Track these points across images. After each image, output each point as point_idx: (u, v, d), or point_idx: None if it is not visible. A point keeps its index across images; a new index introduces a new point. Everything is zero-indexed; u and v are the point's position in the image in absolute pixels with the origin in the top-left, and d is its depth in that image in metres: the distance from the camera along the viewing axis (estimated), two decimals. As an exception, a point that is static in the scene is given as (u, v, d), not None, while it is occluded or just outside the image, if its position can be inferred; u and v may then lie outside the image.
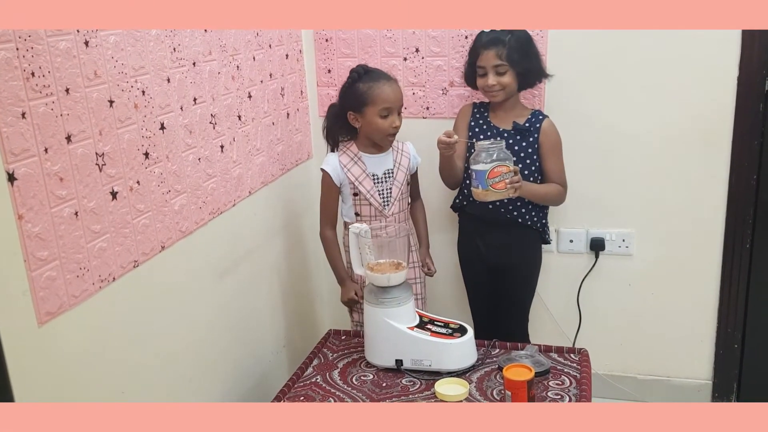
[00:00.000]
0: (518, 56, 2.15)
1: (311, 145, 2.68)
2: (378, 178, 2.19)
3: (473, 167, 2.05)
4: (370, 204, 2.18)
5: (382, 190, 2.19)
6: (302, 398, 1.86)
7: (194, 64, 1.86)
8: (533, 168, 2.23)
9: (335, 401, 1.84)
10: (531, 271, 2.38)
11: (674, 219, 2.48)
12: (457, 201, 2.36)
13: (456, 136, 2.10)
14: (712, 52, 2.28)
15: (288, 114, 2.46)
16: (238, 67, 2.09)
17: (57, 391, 1.42)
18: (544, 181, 2.25)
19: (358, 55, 2.55)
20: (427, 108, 2.54)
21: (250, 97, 2.17)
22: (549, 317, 2.66)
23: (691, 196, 2.44)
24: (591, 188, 2.50)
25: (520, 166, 2.19)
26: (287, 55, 2.44)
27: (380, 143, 2.18)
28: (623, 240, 2.54)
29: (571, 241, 2.58)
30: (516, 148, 2.22)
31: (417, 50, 2.50)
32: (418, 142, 2.31)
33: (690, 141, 2.39)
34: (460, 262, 2.43)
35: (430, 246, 2.37)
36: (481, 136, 2.26)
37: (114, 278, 1.58)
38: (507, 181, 2.02)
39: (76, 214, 1.45)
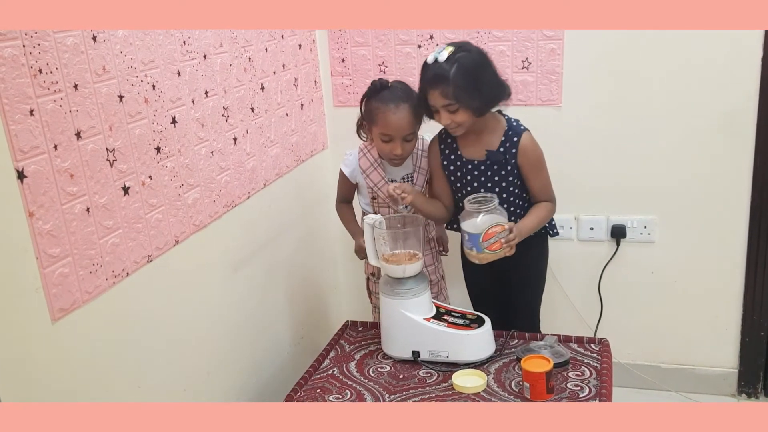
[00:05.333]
0: (466, 93, 1.86)
1: (326, 135, 2.67)
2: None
3: (464, 228, 1.93)
4: (389, 206, 2.15)
5: None
6: (319, 390, 1.85)
7: (205, 56, 1.85)
8: (516, 191, 2.03)
9: (352, 393, 1.83)
10: (537, 271, 2.23)
11: (697, 205, 2.42)
12: (447, 224, 2.25)
13: (398, 193, 1.96)
14: (735, 33, 2.22)
15: (302, 105, 2.44)
16: (249, 58, 2.07)
17: (71, 387, 1.42)
18: (531, 198, 2.08)
19: (372, 43, 2.52)
20: (443, 96, 2.50)
21: (262, 88, 2.15)
22: (570, 306, 2.63)
23: (714, 181, 2.38)
24: (612, 175, 2.46)
25: (503, 195, 2.02)
26: (300, 45, 2.41)
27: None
28: (645, 227, 2.49)
29: (592, 228, 2.54)
30: (496, 178, 2.01)
31: (431, 37, 2.46)
32: (428, 135, 2.26)
33: (713, 125, 2.33)
34: (462, 268, 2.29)
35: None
36: (459, 173, 2.06)
37: (128, 273, 1.58)
38: (502, 240, 1.88)
39: (88, 210, 1.45)
